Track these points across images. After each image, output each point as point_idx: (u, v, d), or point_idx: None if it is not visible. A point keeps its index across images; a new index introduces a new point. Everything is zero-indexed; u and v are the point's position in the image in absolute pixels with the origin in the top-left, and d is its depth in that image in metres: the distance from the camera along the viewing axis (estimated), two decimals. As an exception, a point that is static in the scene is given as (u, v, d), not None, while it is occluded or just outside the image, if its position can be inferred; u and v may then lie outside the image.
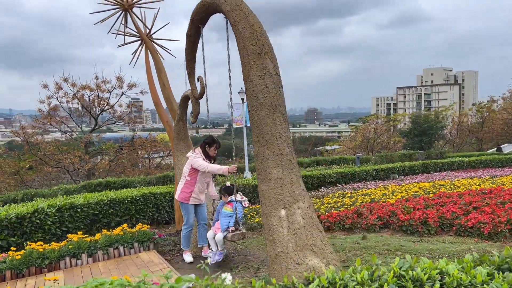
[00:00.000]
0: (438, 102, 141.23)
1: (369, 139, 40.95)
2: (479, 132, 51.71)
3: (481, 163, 24.40)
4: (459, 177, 16.54)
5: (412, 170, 19.61)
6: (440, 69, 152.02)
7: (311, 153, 51.40)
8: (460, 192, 9.05)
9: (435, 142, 38.05)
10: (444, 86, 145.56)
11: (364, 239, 6.21)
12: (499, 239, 5.78)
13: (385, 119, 52.47)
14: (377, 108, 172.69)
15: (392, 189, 12.22)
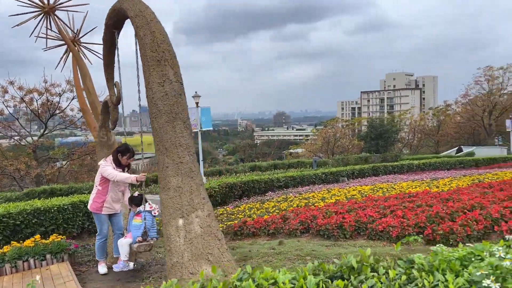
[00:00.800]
0: (400, 106, 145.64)
1: (329, 142, 41.64)
2: (436, 135, 53.72)
3: (430, 166, 25.31)
4: (404, 179, 17.05)
5: (362, 173, 20.06)
6: (401, 74, 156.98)
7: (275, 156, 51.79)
8: (387, 196, 9.32)
9: (392, 145, 39.20)
10: (405, 90, 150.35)
11: (281, 244, 6.26)
12: (406, 242, 5.97)
13: (346, 123, 53.58)
14: (342, 111, 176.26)
15: (333, 193, 12.44)
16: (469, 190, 9.12)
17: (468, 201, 7.05)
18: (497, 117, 45.46)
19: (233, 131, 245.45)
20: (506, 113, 45.10)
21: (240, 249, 6.35)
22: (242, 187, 13.66)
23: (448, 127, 49.73)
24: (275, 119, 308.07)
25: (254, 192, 14.22)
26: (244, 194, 13.81)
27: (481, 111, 44.93)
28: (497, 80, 44.92)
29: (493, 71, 44.69)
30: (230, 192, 13.15)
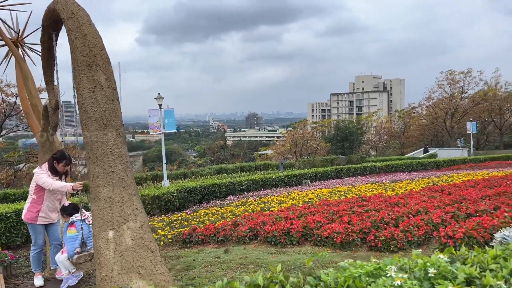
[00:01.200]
0: (369, 108, 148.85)
1: (297, 144, 41.94)
2: (401, 137, 55.14)
3: (393, 168, 25.86)
4: (365, 182, 17.32)
5: (325, 176, 20.25)
6: (370, 76, 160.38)
7: (245, 158, 51.68)
8: (341, 200, 9.39)
9: (357, 147, 39.91)
10: (374, 93, 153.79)
11: (227, 252, 6.15)
12: (351, 248, 5.99)
13: (315, 125, 54.15)
14: (313, 113, 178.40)
15: (292, 196, 12.45)
16: (419, 194, 9.30)
17: (414, 206, 7.18)
18: (459, 120, 47.11)
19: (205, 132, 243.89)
20: (467, 116, 46.82)
21: (185, 258, 6.20)
22: (202, 192, 13.48)
23: (412, 129, 51.12)
24: (247, 120, 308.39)
25: (215, 196, 14.05)
26: (204, 199, 13.63)
27: (443, 114, 46.43)
28: (459, 84, 46.59)
29: (454, 75, 46.33)
30: (189, 197, 12.94)
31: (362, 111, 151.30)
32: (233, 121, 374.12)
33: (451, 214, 6.35)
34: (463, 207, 6.73)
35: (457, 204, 7.05)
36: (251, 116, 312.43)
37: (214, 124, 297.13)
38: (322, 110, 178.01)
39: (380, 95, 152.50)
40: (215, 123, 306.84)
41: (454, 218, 6.26)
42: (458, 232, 5.30)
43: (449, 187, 10.63)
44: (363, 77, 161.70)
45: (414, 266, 2.60)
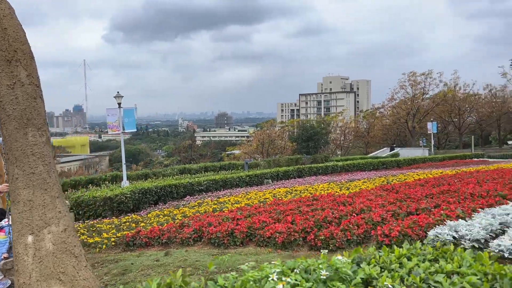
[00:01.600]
0: (336, 109, 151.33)
1: (264, 144, 42.07)
2: (366, 137, 56.33)
3: (354, 167, 26.33)
4: (325, 181, 17.48)
5: (287, 175, 20.35)
6: (337, 77, 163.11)
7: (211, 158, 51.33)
8: (293, 199, 9.41)
9: (323, 146, 40.46)
10: (341, 93, 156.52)
11: (167, 255, 6.00)
12: (292, 248, 5.98)
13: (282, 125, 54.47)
14: (282, 113, 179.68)
15: (250, 196, 12.40)
16: (369, 193, 9.45)
17: (358, 205, 7.26)
18: (420, 120, 48.61)
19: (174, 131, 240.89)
20: (428, 116, 48.38)
21: (124, 262, 6.01)
22: (158, 193, 13.21)
23: (376, 129, 52.31)
24: (217, 120, 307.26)
25: (172, 197, 13.82)
26: (160, 200, 13.37)
27: (405, 114, 47.79)
28: (420, 85, 48.10)
29: (416, 76, 47.79)
30: (144, 198, 12.65)
31: (330, 111, 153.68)
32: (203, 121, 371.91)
33: (392, 213, 6.45)
34: (404, 205, 6.85)
35: (400, 203, 7.17)
36: (221, 115, 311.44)
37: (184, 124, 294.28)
38: (291, 110, 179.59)
39: (347, 96, 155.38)
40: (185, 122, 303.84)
41: (395, 217, 6.37)
42: (394, 230, 5.38)
43: (399, 185, 10.87)
44: (331, 78, 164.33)
45: (317, 267, 2.56)
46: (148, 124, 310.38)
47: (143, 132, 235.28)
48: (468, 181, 10.35)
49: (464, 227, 5.37)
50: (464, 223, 5.51)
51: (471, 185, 9.19)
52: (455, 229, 5.34)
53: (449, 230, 5.31)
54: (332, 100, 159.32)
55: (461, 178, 11.41)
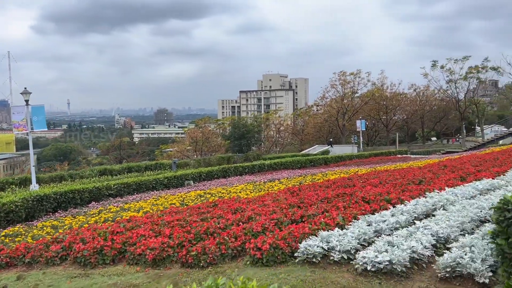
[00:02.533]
0: (276, 106, 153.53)
1: (197, 142, 41.26)
2: (300, 135, 57.39)
3: (282, 165, 26.45)
4: (247, 181, 17.22)
5: (210, 176, 19.86)
6: (277, 75, 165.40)
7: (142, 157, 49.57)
8: (190, 206, 8.94)
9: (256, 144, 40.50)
10: (280, 91, 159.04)
11: (19, 279, 5.27)
12: (165, 265, 5.50)
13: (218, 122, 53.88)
14: (223, 110, 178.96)
15: (159, 202, 11.76)
16: (269, 197, 9.23)
17: (247, 213, 6.96)
18: (350, 118, 50.34)
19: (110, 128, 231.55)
20: (358, 115, 50.21)
21: (-35, 290, 5.19)
22: (57, 199, 12.14)
23: (309, 127, 53.44)
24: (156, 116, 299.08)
25: (75, 203, 12.79)
26: (60, 207, 12.31)
27: (336, 112, 49.24)
28: (350, 84, 49.77)
29: (346, 76, 49.39)
30: (40, 206, 11.55)
31: (270, 108, 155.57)
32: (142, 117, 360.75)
33: (275, 221, 6.21)
34: (290, 212, 6.65)
35: (286, 210, 6.95)
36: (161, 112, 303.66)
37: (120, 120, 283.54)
38: (232, 107, 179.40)
39: (286, 94, 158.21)
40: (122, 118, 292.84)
41: (278, 226, 6.13)
42: (266, 243, 5.09)
43: (307, 187, 10.83)
44: (270, 75, 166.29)
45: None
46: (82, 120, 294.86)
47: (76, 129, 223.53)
48: (371, 182, 10.52)
49: (336, 238, 5.22)
50: (337, 233, 5.37)
51: (369, 187, 9.30)
52: (327, 240, 5.17)
53: (321, 241, 5.13)
54: (272, 98, 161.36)
55: (367, 178, 11.61)
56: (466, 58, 44.83)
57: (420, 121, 57.40)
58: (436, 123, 58.74)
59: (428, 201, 6.77)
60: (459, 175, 10.46)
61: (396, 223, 5.80)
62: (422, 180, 10.35)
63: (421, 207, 6.48)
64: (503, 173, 10.20)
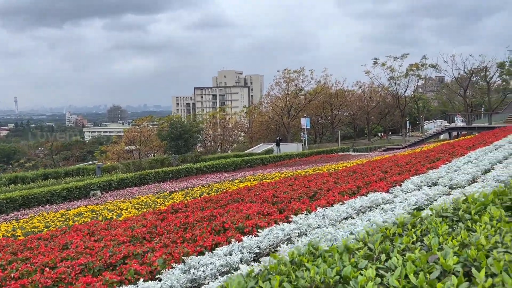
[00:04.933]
0: (231, 103, 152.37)
1: (134, 143, 39.24)
2: (248, 133, 56.48)
3: (213, 168, 25.23)
4: (165, 190, 15.83)
5: (124, 183, 18.32)
6: (232, 72, 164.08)
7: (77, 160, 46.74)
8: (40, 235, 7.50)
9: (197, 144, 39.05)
10: (235, 88, 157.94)
11: None
12: None
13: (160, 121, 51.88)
14: (178, 107, 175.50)
15: (46, 219, 10.19)
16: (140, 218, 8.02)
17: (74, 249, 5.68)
18: (295, 116, 49.98)
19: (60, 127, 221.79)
20: (303, 112, 49.94)
21: None
22: None
23: (255, 125, 52.65)
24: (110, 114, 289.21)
25: None
26: None
27: (280, 110, 48.71)
28: (294, 82, 49.34)
29: (290, 74, 48.90)
30: None
31: (225, 105, 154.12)
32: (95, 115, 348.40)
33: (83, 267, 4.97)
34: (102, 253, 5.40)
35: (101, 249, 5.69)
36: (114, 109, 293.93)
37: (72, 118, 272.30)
38: (187, 104, 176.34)
39: (241, 90, 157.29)
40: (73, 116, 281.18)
41: (84, 273, 4.91)
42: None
43: (194, 203, 9.69)
44: (225, 72, 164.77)
45: None
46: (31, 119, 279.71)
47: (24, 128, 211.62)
48: (262, 196, 9.51)
49: (125, 297, 4.06)
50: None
51: (248, 205, 8.26)
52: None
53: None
54: (227, 94, 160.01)
55: (263, 190, 10.61)
56: (405, 56, 45.60)
57: (365, 117, 58.15)
58: (381, 119, 59.76)
59: (284, 229, 5.79)
60: (356, 186, 9.68)
61: (226, 265, 4.74)
62: (317, 192, 9.48)
63: (271, 239, 5.48)
64: (401, 182, 9.51)
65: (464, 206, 3.15)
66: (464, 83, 45.76)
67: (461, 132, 40.47)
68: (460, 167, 10.75)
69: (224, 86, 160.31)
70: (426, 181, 9.30)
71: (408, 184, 8.99)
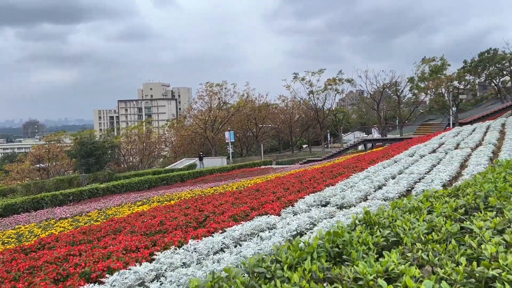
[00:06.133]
0: (158, 116, 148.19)
1: (40, 161, 35.89)
2: (172, 147, 54.70)
3: (124, 187, 23.56)
4: (56, 216, 14.09)
5: (12, 209, 16.20)
6: (158, 84, 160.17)
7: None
8: None
9: (109, 162, 36.71)
10: (162, 100, 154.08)
11: None
12: None
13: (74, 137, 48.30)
14: (100, 121, 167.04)
15: None
16: None
17: None
18: (218, 130, 49.37)
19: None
20: (227, 126, 49.52)
21: None
22: None
23: (177, 139, 51.19)
24: (25, 129, 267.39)
25: None
26: None
27: (203, 124, 47.81)
28: (217, 95, 48.82)
29: (212, 87, 48.32)
30: None
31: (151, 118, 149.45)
32: (9, 130, 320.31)
33: None
34: None
35: None
36: (31, 123, 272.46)
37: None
38: (110, 118, 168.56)
39: (168, 103, 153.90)
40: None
41: None
42: None
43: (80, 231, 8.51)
44: (151, 84, 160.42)
45: None
46: None
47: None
48: (149, 224, 8.61)
49: None
50: None
51: (124, 238, 7.31)
52: None
53: None
54: (154, 107, 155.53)
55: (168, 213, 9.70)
56: (322, 71, 47.26)
57: (289, 130, 59.25)
58: (303, 131, 61.27)
59: (138, 271, 4.98)
60: (251, 207, 9.15)
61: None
62: (209, 216, 8.79)
63: (117, 287, 4.64)
64: (294, 202, 9.15)
65: (284, 257, 2.59)
66: (377, 97, 48.44)
67: (375, 144, 42.61)
68: (357, 183, 10.72)
69: (150, 99, 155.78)
70: (320, 200, 9.03)
71: (300, 205, 8.63)
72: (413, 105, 53.05)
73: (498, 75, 52.01)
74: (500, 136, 17.70)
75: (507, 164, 5.30)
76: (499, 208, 3.40)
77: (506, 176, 4.60)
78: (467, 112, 53.94)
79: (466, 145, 15.40)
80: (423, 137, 25.88)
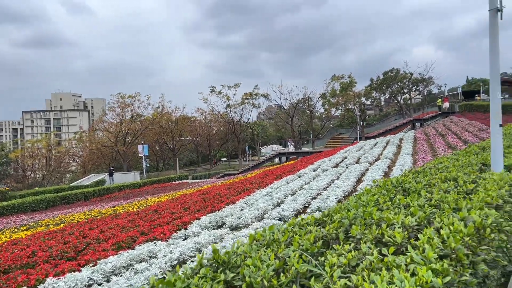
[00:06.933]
0: (68, 128, 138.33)
1: None
2: (81, 162, 50.93)
3: (14, 209, 21.04)
4: None
5: None
6: (69, 94, 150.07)
7: None
8: None
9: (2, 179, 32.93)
10: (73, 111, 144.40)
11: None
12: None
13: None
14: (2, 133, 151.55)
15: None
16: None
17: None
18: (131, 143, 47.07)
19: None
20: (140, 139, 47.39)
21: None
22: None
23: (88, 153, 47.86)
24: None
25: None
26: None
27: (114, 137, 45.29)
28: (129, 107, 46.62)
29: (124, 99, 46.07)
30: None
31: (61, 130, 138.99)
32: None
33: None
34: None
35: None
36: None
37: None
38: (13, 129, 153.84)
39: (80, 114, 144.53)
40: None
41: None
42: None
43: None
44: (61, 94, 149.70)
45: None
46: None
47: None
48: (11, 257, 7.43)
49: None
50: None
51: None
52: None
53: None
54: (64, 119, 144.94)
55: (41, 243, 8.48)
56: (237, 85, 47.62)
57: (207, 143, 58.58)
58: (222, 145, 61.01)
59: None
60: (140, 232, 8.38)
61: None
62: (90, 243, 7.84)
63: None
64: (189, 224, 8.59)
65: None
66: (291, 111, 49.96)
67: (289, 157, 43.69)
68: (257, 200, 10.48)
69: (59, 110, 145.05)
70: (216, 221, 8.58)
71: (194, 227, 8.09)
72: (325, 119, 55.62)
73: (400, 92, 56.77)
74: (397, 151, 18.89)
75: (383, 184, 5.30)
76: (359, 238, 3.18)
77: (379, 199, 4.51)
78: (373, 126, 57.98)
79: (366, 159, 16.11)
80: (330, 150, 26.90)
